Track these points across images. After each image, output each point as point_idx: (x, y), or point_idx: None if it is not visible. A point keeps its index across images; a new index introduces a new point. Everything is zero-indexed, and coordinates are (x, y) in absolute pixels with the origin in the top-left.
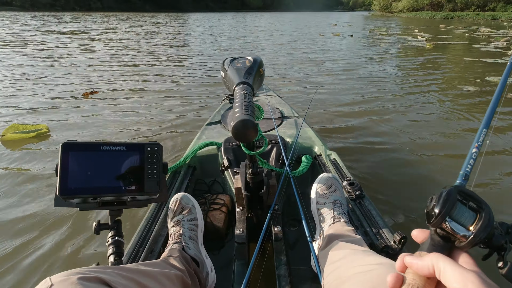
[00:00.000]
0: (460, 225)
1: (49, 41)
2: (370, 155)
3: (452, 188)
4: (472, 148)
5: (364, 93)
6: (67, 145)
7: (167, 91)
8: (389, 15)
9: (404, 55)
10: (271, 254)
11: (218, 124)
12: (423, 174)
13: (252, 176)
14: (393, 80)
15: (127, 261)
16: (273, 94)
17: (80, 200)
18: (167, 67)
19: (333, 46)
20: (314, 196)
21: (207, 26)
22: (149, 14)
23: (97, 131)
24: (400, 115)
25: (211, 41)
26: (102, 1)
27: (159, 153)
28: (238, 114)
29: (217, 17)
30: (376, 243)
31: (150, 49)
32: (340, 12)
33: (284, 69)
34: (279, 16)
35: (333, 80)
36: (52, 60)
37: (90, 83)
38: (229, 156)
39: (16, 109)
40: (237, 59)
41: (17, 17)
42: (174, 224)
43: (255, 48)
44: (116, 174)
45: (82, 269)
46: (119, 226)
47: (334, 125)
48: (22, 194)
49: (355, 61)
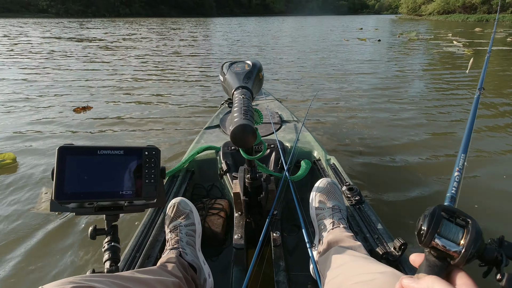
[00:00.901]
0: (450, 241)
1: (56, 49)
2: (369, 161)
3: (435, 206)
4: (454, 172)
5: (377, 101)
6: (63, 149)
7: (166, 95)
8: (417, 18)
9: (438, 63)
10: (270, 260)
11: (216, 128)
12: (424, 181)
13: (250, 181)
14: (418, 89)
15: (124, 267)
16: (272, 98)
17: (76, 205)
18: (170, 72)
19: (359, 53)
20: (313, 201)
21: (227, 31)
22: (172, 19)
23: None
24: (410, 124)
25: (227, 49)
26: (130, 8)
27: (157, 158)
28: (237, 118)
29: (239, 22)
30: (376, 250)
31: (158, 55)
32: (366, 15)
33: (310, 88)
34: (302, 21)
35: (367, 104)
36: (45, 73)
37: (84, 97)
38: (227, 160)
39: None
40: (236, 63)
41: (44, 24)
42: (172, 230)
43: (273, 59)
44: (113, 179)
45: (76, 278)
46: (115, 232)
47: (333, 129)
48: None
49: (384, 71)
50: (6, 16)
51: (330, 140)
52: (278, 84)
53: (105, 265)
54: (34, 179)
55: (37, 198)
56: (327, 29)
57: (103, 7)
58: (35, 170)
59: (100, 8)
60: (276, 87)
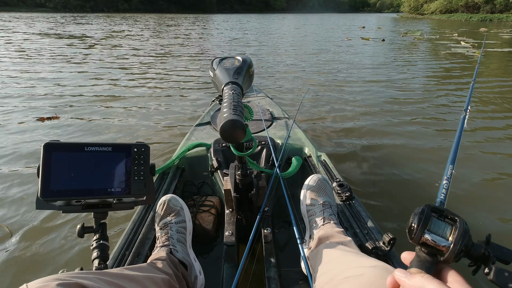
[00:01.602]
0: (439, 237)
1: (34, 47)
2: (360, 157)
3: (424, 206)
4: (443, 180)
5: (378, 103)
6: (49, 146)
7: (155, 92)
8: (419, 17)
9: (449, 65)
10: (261, 257)
11: (207, 125)
12: (414, 181)
13: (241, 177)
14: (418, 86)
15: (113, 265)
16: (264, 95)
17: (63, 202)
18: (159, 68)
19: (364, 53)
20: (304, 198)
21: (225, 28)
22: (170, 15)
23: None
24: (399, 120)
25: (222, 47)
26: (129, 3)
27: (146, 154)
28: (226, 114)
29: (238, 19)
30: (366, 245)
31: (147, 51)
32: (367, 14)
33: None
34: (303, 18)
35: (361, 102)
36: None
37: (55, 103)
38: (218, 157)
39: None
40: (226, 58)
41: (36, 18)
42: (162, 227)
43: (270, 58)
44: (101, 176)
45: (62, 275)
46: (104, 229)
47: (324, 126)
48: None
49: (389, 72)
50: (2, 10)
51: (321, 137)
52: (272, 82)
53: (93, 263)
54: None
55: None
56: (329, 27)
57: (102, 2)
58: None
59: (98, 3)
60: (271, 85)
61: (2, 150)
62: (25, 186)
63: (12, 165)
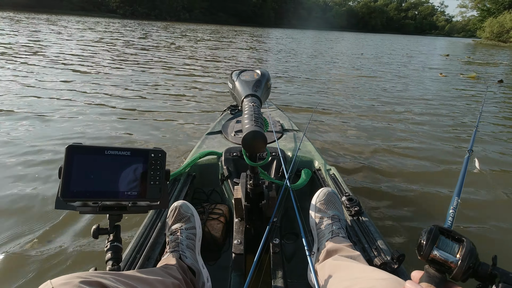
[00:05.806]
0: (448, 253)
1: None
2: (369, 173)
3: (432, 225)
4: (449, 209)
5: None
6: (72, 148)
7: (170, 100)
8: (502, 45)
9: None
10: (268, 267)
11: (218, 134)
12: (423, 201)
13: (253, 187)
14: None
15: (124, 267)
16: (274, 107)
17: (81, 203)
18: (177, 77)
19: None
20: (313, 210)
21: (275, 44)
22: (228, 27)
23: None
24: (412, 138)
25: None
26: (191, 13)
27: (162, 160)
28: (248, 125)
29: (294, 34)
30: (374, 260)
31: (175, 60)
32: (434, 37)
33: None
34: (364, 38)
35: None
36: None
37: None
38: (229, 166)
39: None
40: (245, 71)
41: (102, 23)
42: (172, 232)
43: (321, 85)
44: (118, 179)
45: (82, 274)
46: (118, 232)
47: (334, 140)
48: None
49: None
50: (79, 14)
51: (331, 150)
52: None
53: (107, 264)
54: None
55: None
56: (401, 52)
57: (165, 10)
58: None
59: (162, 12)
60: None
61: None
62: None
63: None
